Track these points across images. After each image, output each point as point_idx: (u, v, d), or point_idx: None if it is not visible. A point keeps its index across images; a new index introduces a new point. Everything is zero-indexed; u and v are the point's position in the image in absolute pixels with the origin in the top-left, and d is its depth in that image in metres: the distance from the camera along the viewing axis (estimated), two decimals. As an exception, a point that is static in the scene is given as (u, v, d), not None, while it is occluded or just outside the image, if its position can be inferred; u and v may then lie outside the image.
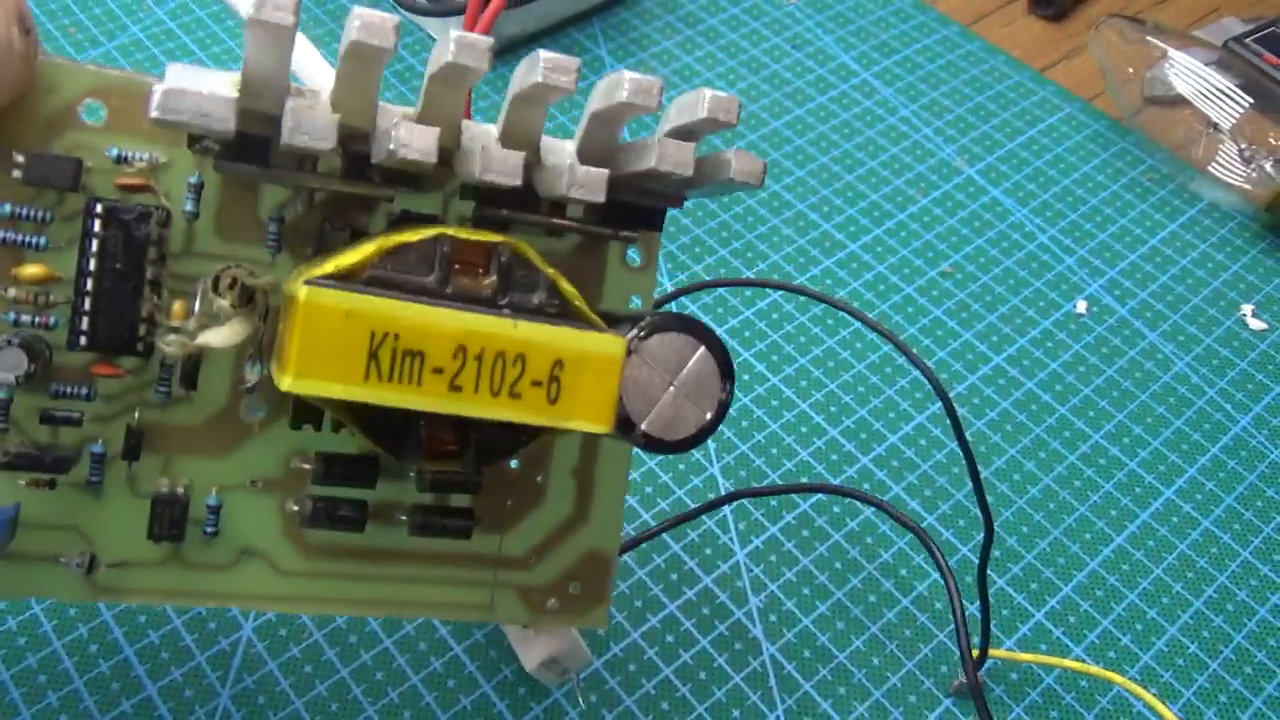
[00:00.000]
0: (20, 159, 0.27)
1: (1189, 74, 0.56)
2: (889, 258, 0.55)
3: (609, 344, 0.24)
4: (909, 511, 0.45)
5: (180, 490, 0.29)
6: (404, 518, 0.31)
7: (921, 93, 0.62)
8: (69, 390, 0.28)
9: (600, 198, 0.24)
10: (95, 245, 0.27)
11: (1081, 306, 0.54)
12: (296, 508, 0.30)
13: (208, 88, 0.21)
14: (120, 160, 0.28)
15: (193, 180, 0.29)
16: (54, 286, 0.28)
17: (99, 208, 0.27)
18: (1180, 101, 0.57)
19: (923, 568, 0.44)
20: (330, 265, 0.23)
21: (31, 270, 0.27)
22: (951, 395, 0.50)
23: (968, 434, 0.48)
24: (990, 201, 0.58)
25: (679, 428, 0.27)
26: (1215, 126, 0.56)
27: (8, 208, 0.27)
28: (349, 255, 0.23)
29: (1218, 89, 0.56)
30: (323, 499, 0.30)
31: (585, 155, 0.26)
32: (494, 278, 0.23)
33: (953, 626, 0.42)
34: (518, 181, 0.24)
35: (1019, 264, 0.55)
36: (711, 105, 0.24)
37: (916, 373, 0.50)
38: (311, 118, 0.22)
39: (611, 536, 0.34)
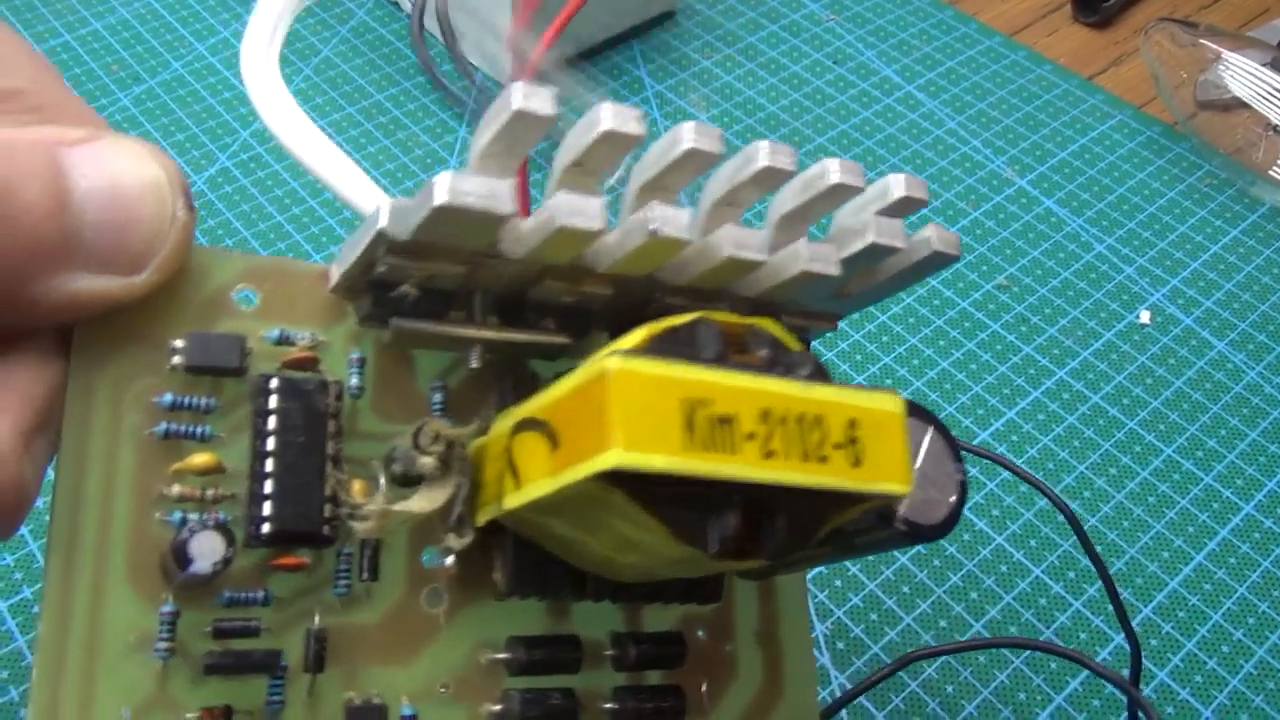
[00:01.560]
0: (179, 343, 0.25)
1: (1245, 76, 0.54)
2: (943, 272, 0.52)
3: (889, 401, 0.23)
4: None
5: (375, 700, 0.25)
6: (606, 706, 0.27)
7: (967, 104, 0.60)
8: (244, 596, 0.24)
9: (834, 270, 0.24)
10: (274, 421, 0.25)
11: (1145, 317, 0.53)
12: (497, 708, 0.26)
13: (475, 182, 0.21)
14: (282, 341, 0.26)
15: (355, 355, 0.27)
16: (221, 480, 0.25)
17: (274, 382, 0.25)
18: (1236, 104, 0.54)
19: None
20: (603, 353, 0.22)
21: (201, 459, 0.24)
22: (1014, 411, 0.48)
23: (1033, 450, 0.47)
24: (1044, 212, 0.55)
25: (932, 512, 0.26)
26: (1276, 129, 0.53)
27: (169, 397, 0.25)
28: (613, 346, 0.22)
29: (1276, 90, 0.53)
30: (530, 692, 0.26)
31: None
32: (764, 352, 0.23)
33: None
34: (764, 258, 0.24)
35: (1077, 275, 0.54)
36: (908, 185, 0.26)
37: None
38: (583, 200, 0.21)
39: (810, 709, 0.31)
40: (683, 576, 0.27)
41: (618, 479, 0.20)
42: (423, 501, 0.25)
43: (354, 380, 0.27)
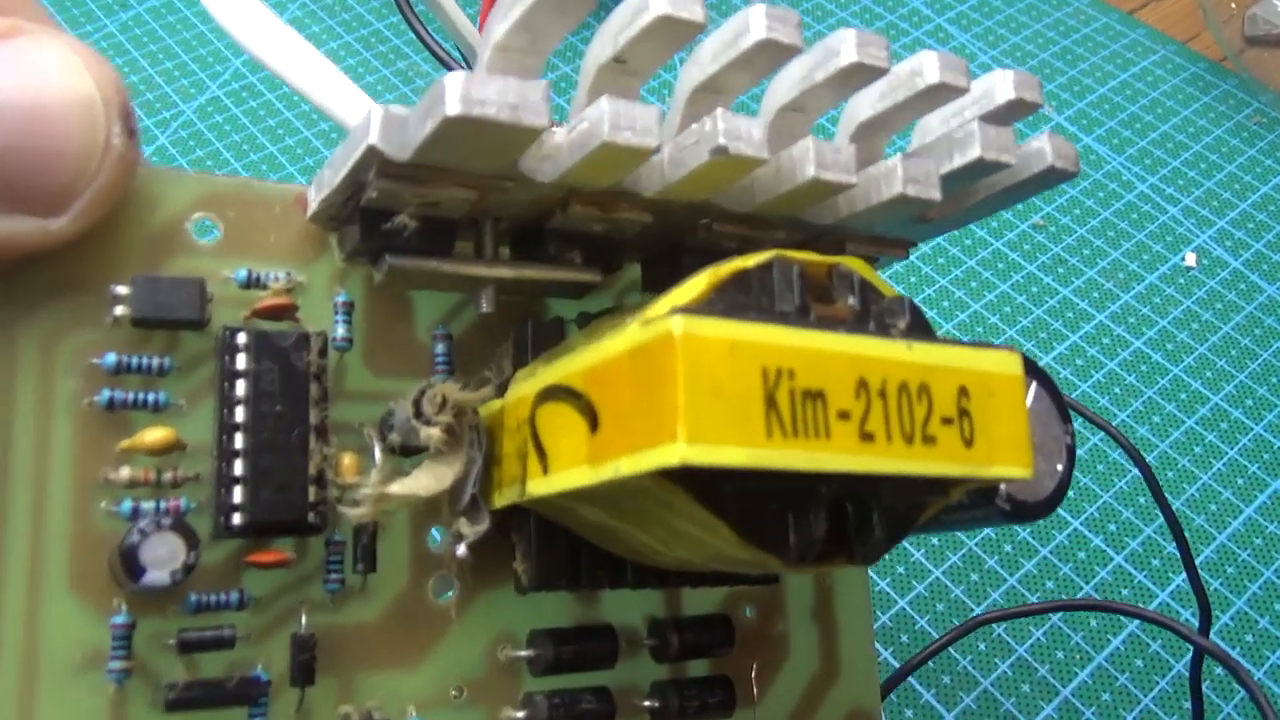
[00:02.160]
0: (123, 290, 0.20)
1: (1297, 9, 0.52)
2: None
3: (1006, 362, 0.18)
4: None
5: (376, 714, 0.21)
6: (647, 703, 0.24)
7: (1001, 38, 0.57)
8: (213, 599, 0.20)
9: (938, 195, 0.20)
10: (244, 386, 0.20)
11: (1190, 259, 0.50)
12: (521, 714, 0.22)
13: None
14: (250, 283, 0.21)
15: (340, 299, 0.22)
16: (181, 459, 0.20)
17: (242, 336, 0.20)
18: (1288, 39, 0.53)
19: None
20: (661, 308, 0.17)
21: (154, 436, 0.20)
22: (1050, 356, 0.44)
23: (1074, 394, 0.44)
24: (1083, 150, 0.53)
25: (1037, 486, 0.21)
26: (1329, 64, 0.51)
27: (112, 358, 0.20)
28: (672, 298, 0.17)
29: (1330, 24, 0.51)
30: (556, 694, 0.22)
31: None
32: (851, 300, 0.18)
33: None
34: (854, 180, 0.19)
35: (1118, 215, 0.51)
36: (1018, 83, 0.21)
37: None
38: (632, 109, 0.16)
39: (870, 688, 0.27)
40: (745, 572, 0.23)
41: (682, 477, 0.16)
42: (427, 480, 0.20)
43: (340, 330, 0.22)
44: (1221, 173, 0.54)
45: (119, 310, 0.20)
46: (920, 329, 0.18)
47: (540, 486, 0.19)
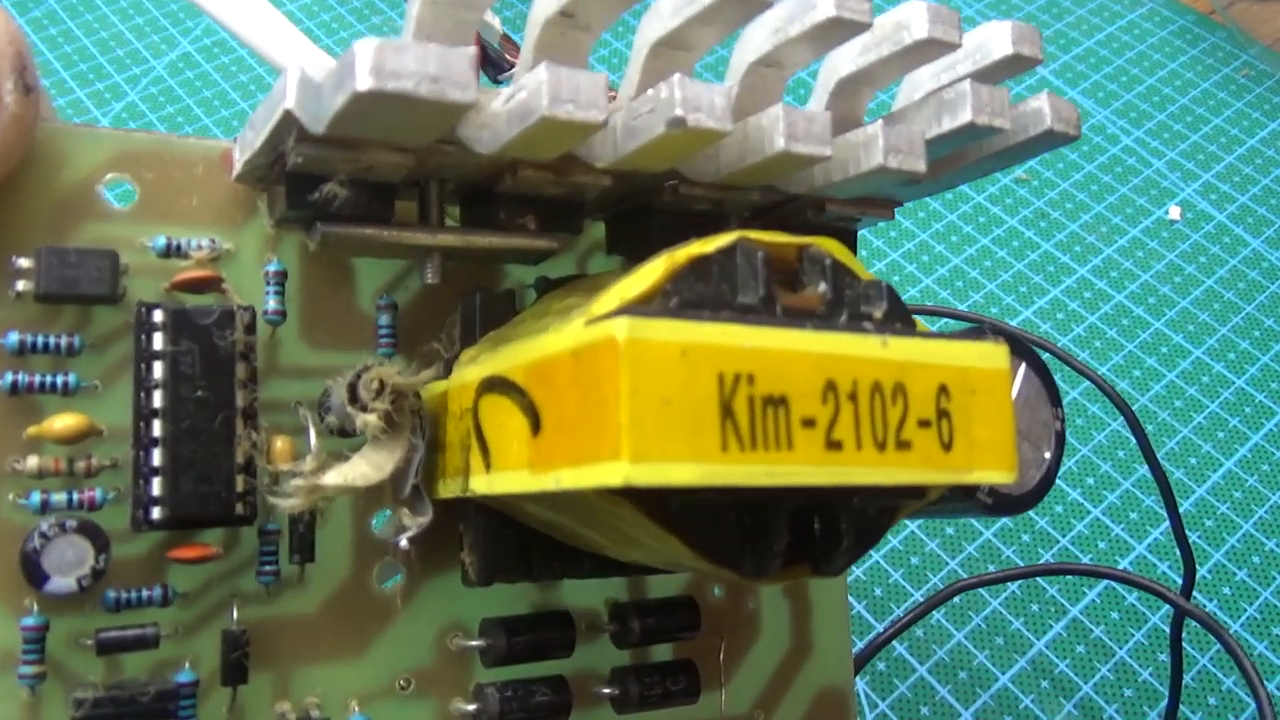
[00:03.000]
0: (24, 263, 0.18)
1: (1288, -40, 0.52)
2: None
3: (991, 355, 0.17)
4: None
5: (315, 712, 0.20)
6: (607, 690, 0.23)
7: None
8: (133, 596, 0.19)
9: (922, 166, 0.18)
10: (162, 369, 0.18)
11: (1175, 212, 0.49)
12: (471, 707, 0.21)
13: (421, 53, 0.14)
14: (170, 252, 0.20)
15: (272, 268, 0.20)
16: (94, 445, 0.19)
17: (158, 314, 0.19)
18: (1279, -9, 0.52)
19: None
20: (609, 301, 0.15)
21: (64, 423, 0.18)
22: (1030, 310, 0.43)
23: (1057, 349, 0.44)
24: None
25: (1023, 478, 0.20)
26: (1320, 17, 0.51)
27: (14, 337, 0.18)
28: (621, 288, 0.16)
29: (1322, -25, 0.50)
30: (509, 685, 0.21)
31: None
32: (822, 287, 0.16)
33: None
34: (829, 152, 0.17)
35: (1102, 169, 0.50)
36: (1017, 37, 0.19)
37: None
38: (576, 78, 0.15)
39: (843, 665, 0.26)
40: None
41: (628, 492, 0.14)
42: (366, 469, 0.19)
43: (271, 302, 0.20)
44: (1208, 126, 0.53)
45: (21, 285, 0.18)
46: (898, 316, 0.17)
47: (482, 485, 0.17)
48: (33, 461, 0.18)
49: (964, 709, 0.36)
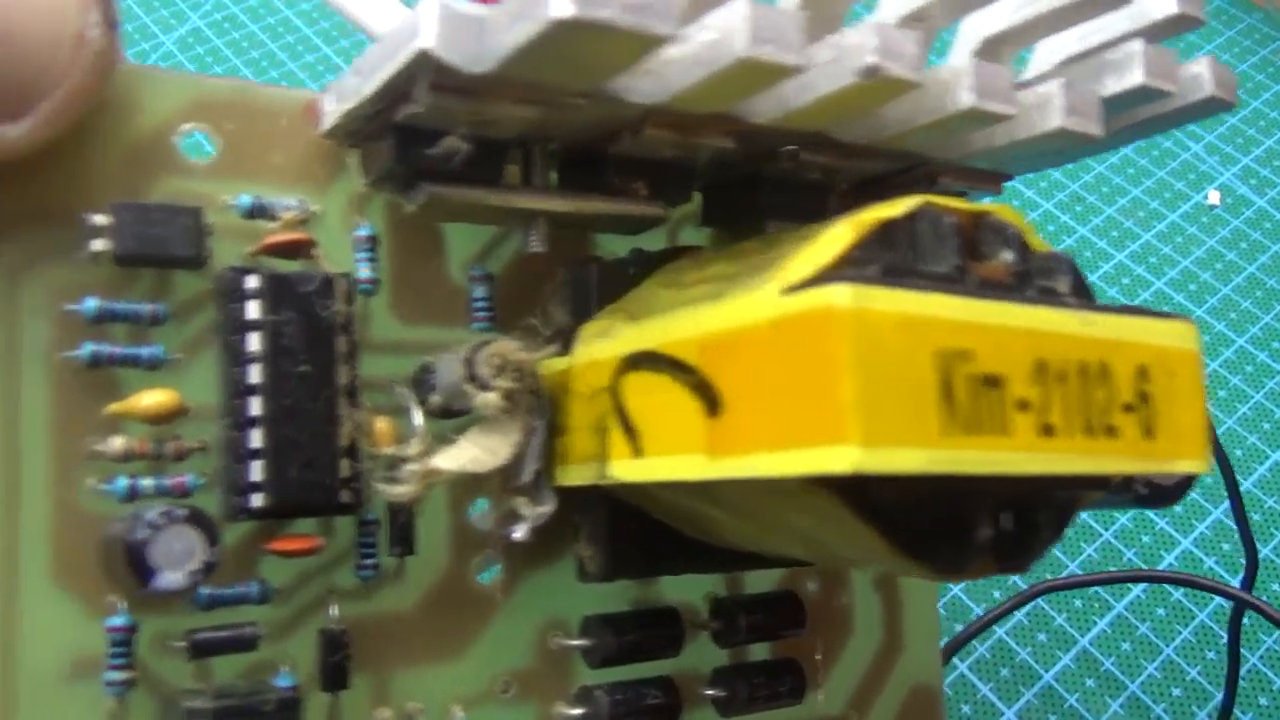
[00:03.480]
0: (100, 220, 0.16)
1: (1328, -61, 0.49)
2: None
3: (1183, 334, 0.16)
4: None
5: (418, 718, 0.18)
6: (711, 692, 0.21)
7: None
8: (230, 592, 0.17)
9: (1099, 129, 0.16)
10: (259, 341, 0.16)
11: (1214, 197, 0.48)
12: (577, 711, 0.19)
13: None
14: (256, 213, 0.18)
15: (362, 232, 0.18)
16: (184, 423, 0.17)
17: (252, 280, 0.17)
18: (1316, -29, 0.50)
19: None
20: (800, 267, 0.14)
21: (152, 400, 0.16)
22: None
23: None
24: None
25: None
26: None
27: (93, 303, 0.16)
28: (811, 254, 0.14)
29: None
30: (618, 688, 0.20)
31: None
32: (1007, 256, 0.15)
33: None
34: (1014, 111, 0.16)
35: (1138, 152, 0.48)
36: (1185, -4, 0.17)
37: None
38: (773, 18, 0.13)
39: (932, 660, 0.25)
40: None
41: (838, 482, 0.13)
42: (481, 453, 0.17)
43: (364, 270, 0.18)
44: (1246, 109, 0.52)
45: (97, 244, 0.16)
46: (1082, 293, 0.16)
47: (629, 471, 0.16)
48: (117, 443, 0.16)
49: (1006, 707, 0.35)
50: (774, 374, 0.13)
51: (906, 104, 0.16)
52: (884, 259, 0.14)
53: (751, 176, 0.21)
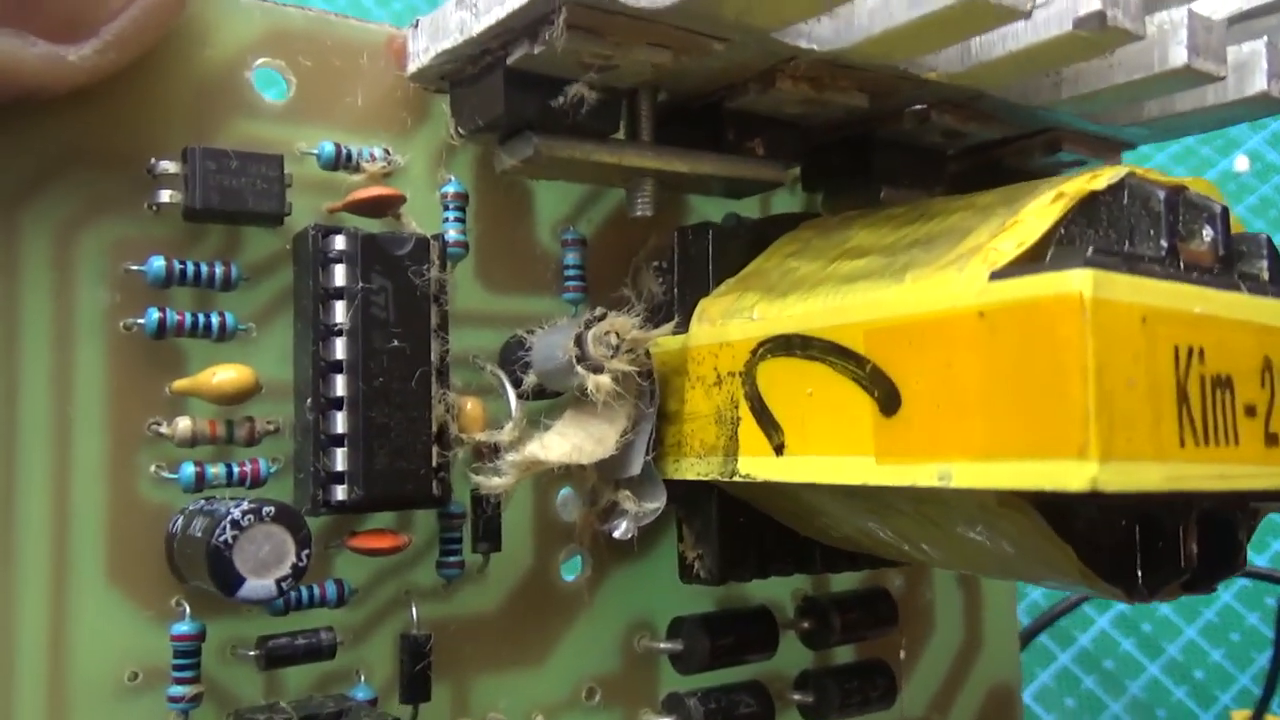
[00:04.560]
0: (169, 167, 0.14)
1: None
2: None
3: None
4: None
5: (505, 733, 0.16)
6: (798, 696, 0.20)
7: None
8: (305, 594, 0.15)
9: (1225, 72, 0.15)
10: (347, 311, 0.14)
11: (1242, 163, 0.45)
12: (667, 719, 0.18)
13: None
14: (339, 163, 0.15)
15: (451, 188, 0.16)
16: (255, 401, 0.15)
17: (340, 241, 0.15)
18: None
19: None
20: (1005, 243, 0.12)
21: (224, 379, 0.14)
22: None
23: None
24: None
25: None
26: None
27: (159, 263, 0.14)
28: (1016, 229, 0.12)
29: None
30: (710, 695, 0.18)
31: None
32: (1207, 236, 0.13)
33: None
34: (1225, 73, 0.14)
35: None
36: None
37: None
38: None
39: (1012, 660, 0.24)
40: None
41: (1046, 500, 0.11)
42: (586, 441, 0.15)
43: (451, 231, 0.16)
44: (1278, 73, 0.50)
45: (166, 195, 0.14)
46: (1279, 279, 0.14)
47: (769, 470, 0.14)
48: (184, 425, 0.14)
49: (1112, 701, 0.34)
50: (978, 370, 0.11)
51: (1102, 66, 0.15)
52: (1086, 236, 0.12)
53: (862, 139, 0.19)
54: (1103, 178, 0.13)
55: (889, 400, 0.12)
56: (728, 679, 0.19)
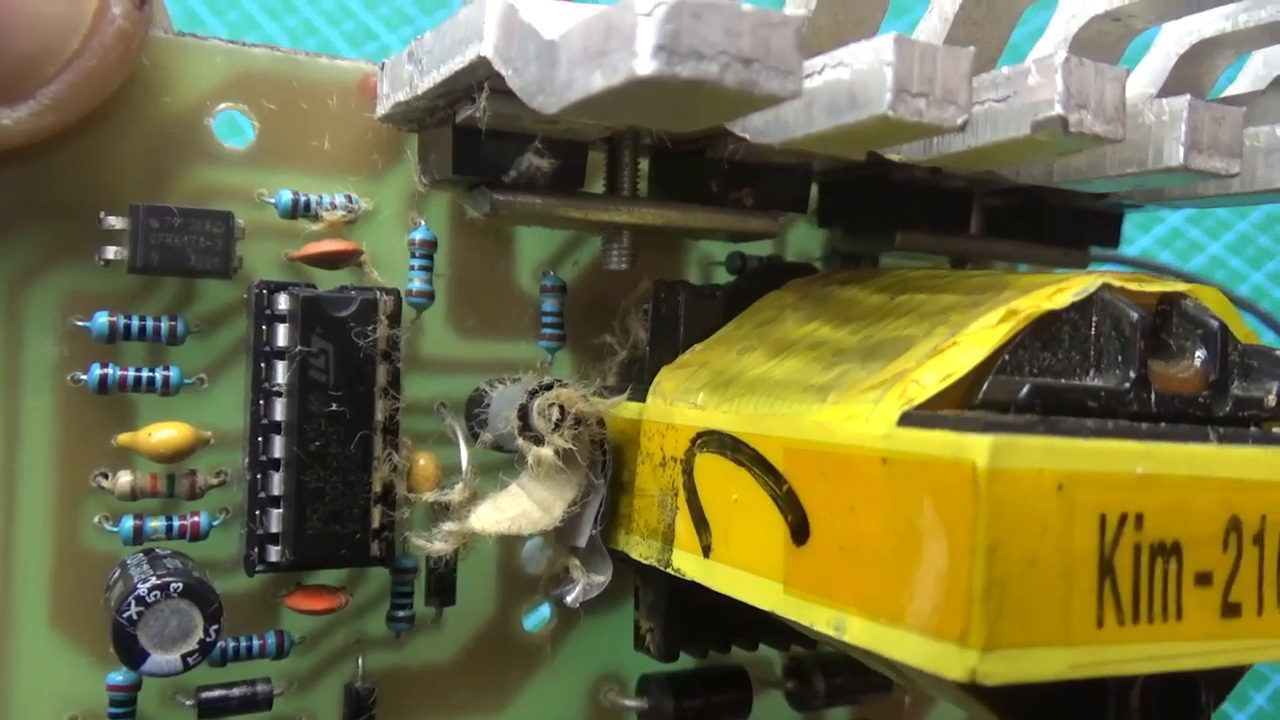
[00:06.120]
0: (115, 223, 0.14)
1: None
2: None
3: None
4: None
5: (449, 789, 0.16)
6: (778, 757, 0.19)
7: None
8: (242, 646, 0.15)
9: (1237, 168, 0.13)
10: (286, 372, 0.14)
11: None
12: (626, 776, 0.18)
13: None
14: (297, 211, 0.15)
15: (418, 235, 0.16)
16: (199, 457, 0.15)
17: (284, 300, 0.14)
18: None
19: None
20: (930, 372, 0.11)
21: (165, 436, 0.14)
22: (1263, 271, 0.39)
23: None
24: None
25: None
26: None
27: (103, 320, 0.14)
28: (947, 356, 0.11)
29: None
30: (677, 755, 0.17)
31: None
32: (1202, 359, 0.12)
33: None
34: (1237, 169, 0.12)
35: None
36: None
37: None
38: (926, 60, 0.10)
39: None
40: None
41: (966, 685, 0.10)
42: (529, 508, 0.15)
43: (416, 281, 0.16)
44: None
45: (111, 252, 0.14)
46: None
47: (693, 569, 0.13)
48: (124, 480, 0.14)
49: (1236, 711, 0.32)
50: (877, 520, 0.10)
51: (1095, 152, 0.13)
52: (1039, 361, 0.11)
53: (877, 180, 0.17)
54: (1068, 292, 0.11)
55: (800, 528, 0.11)
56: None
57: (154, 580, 0.13)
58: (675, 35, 0.08)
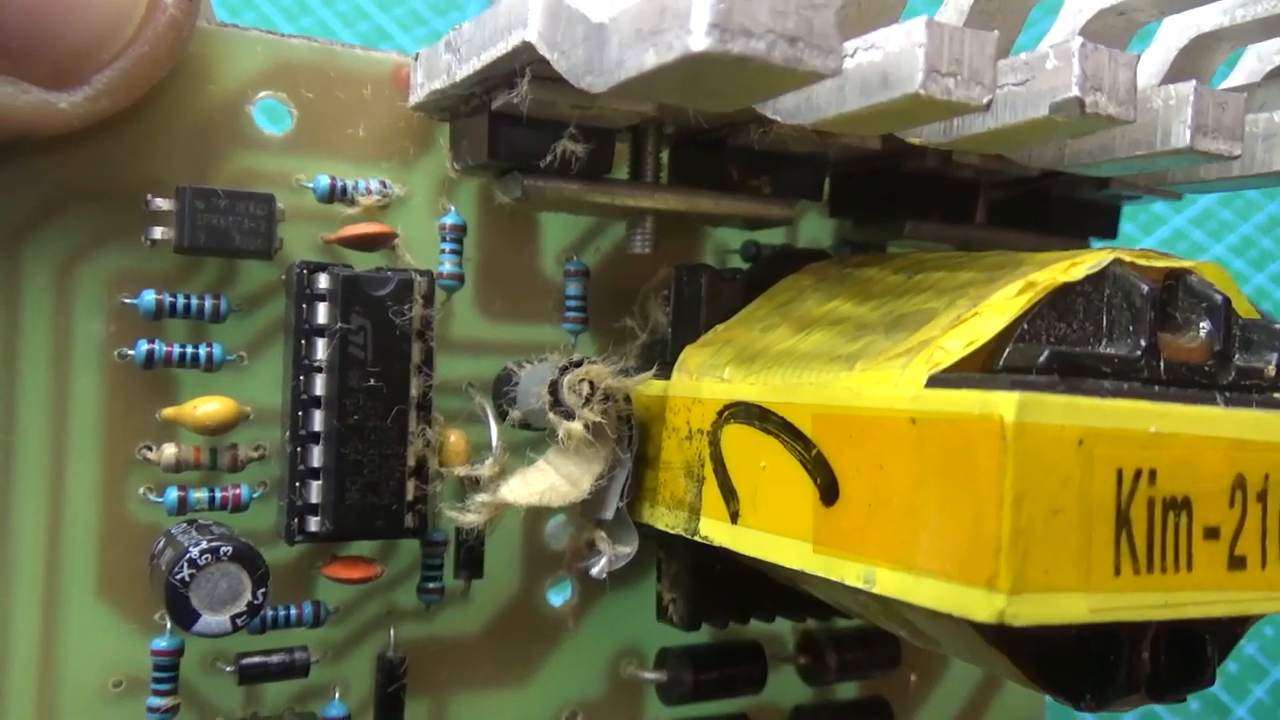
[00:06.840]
0: (163, 204, 0.15)
1: None
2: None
3: None
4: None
5: (478, 756, 0.17)
6: (789, 729, 0.20)
7: None
8: (280, 614, 0.15)
9: (1239, 150, 0.13)
10: (327, 349, 0.15)
11: None
12: (645, 746, 0.18)
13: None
14: (334, 195, 0.16)
15: (449, 220, 0.17)
16: (243, 429, 0.15)
17: (324, 280, 0.15)
18: None
19: None
20: (954, 340, 0.11)
21: (208, 410, 0.15)
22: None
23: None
24: None
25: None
26: None
27: (150, 297, 0.15)
28: (971, 324, 0.12)
29: None
30: (697, 727, 0.18)
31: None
32: (1205, 328, 0.12)
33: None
34: (1239, 151, 0.13)
35: None
36: None
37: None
38: (955, 41, 0.10)
39: (1035, 699, 0.23)
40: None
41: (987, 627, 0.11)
42: (558, 482, 0.16)
43: (447, 264, 0.16)
44: None
45: (158, 232, 0.15)
46: None
47: (721, 535, 0.14)
48: (169, 451, 0.15)
49: (1237, 705, 0.33)
50: (906, 477, 0.11)
51: (1105, 135, 0.14)
52: (1056, 331, 0.12)
53: (888, 171, 0.18)
54: (1082, 265, 0.12)
55: (829, 490, 0.12)
56: (718, 710, 0.19)
57: (204, 544, 0.13)
58: (728, 14, 0.09)
